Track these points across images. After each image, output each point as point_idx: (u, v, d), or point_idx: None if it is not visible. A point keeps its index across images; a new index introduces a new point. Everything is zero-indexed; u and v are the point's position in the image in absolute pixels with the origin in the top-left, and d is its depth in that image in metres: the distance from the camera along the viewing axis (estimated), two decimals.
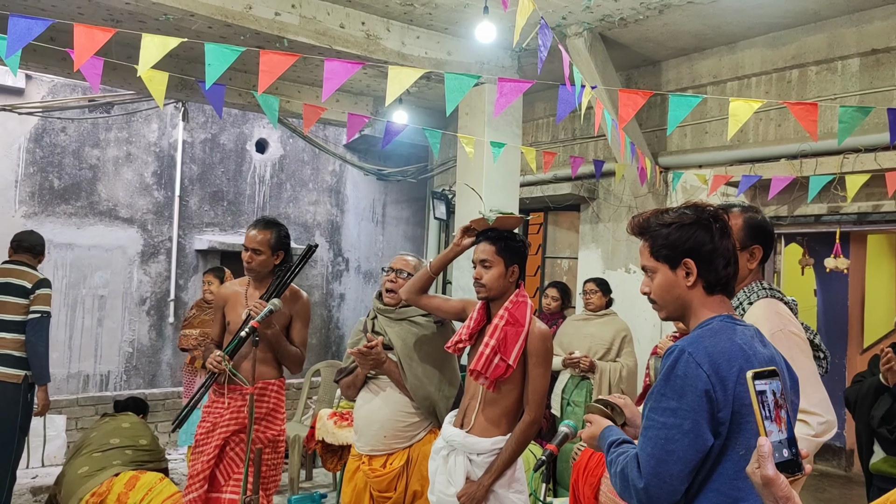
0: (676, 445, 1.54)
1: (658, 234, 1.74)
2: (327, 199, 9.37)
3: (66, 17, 5.15)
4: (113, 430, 4.47)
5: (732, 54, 5.68)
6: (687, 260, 1.70)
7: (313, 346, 9.13)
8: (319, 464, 6.07)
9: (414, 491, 3.06)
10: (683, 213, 1.74)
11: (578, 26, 5.31)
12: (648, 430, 1.61)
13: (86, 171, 7.59)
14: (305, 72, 6.82)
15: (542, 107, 7.40)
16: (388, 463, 3.08)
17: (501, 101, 3.43)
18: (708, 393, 1.53)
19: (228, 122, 8.50)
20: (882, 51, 4.82)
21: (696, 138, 5.95)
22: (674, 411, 1.56)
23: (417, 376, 3.06)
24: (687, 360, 1.56)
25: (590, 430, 1.87)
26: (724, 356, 1.56)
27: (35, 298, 4.61)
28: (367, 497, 3.11)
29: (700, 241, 1.69)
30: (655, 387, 1.63)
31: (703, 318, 1.70)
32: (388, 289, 3.19)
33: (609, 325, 4.81)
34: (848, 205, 4.92)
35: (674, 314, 1.78)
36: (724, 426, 1.55)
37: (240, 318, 3.40)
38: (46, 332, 4.64)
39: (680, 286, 1.72)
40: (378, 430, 3.09)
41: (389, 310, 3.19)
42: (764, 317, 2.17)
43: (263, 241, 3.42)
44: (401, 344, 3.10)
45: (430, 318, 3.18)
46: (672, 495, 1.57)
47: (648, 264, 1.78)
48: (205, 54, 3.16)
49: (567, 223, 7.42)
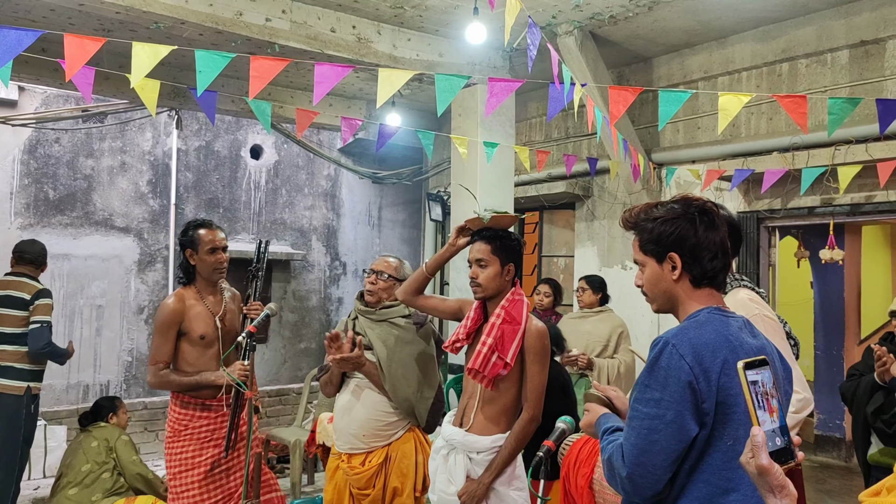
0: (659, 436, 1.56)
1: (644, 229, 1.76)
2: (323, 204, 9.38)
3: (56, 28, 5.16)
4: (83, 454, 4.41)
5: (723, 49, 5.70)
6: (671, 254, 1.71)
7: (312, 350, 9.13)
8: (321, 468, 6.07)
9: (394, 488, 3.06)
10: (671, 208, 1.75)
11: (569, 25, 5.33)
12: (632, 420, 1.63)
13: (80, 181, 7.59)
14: (298, 77, 6.83)
15: (534, 106, 7.42)
16: (366, 461, 3.08)
17: (493, 100, 3.45)
18: (691, 384, 1.54)
19: (222, 129, 8.51)
20: (871, 42, 4.84)
21: (688, 134, 5.97)
22: (657, 402, 1.57)
23: (396, 378, 3.06)
24: (670, 352, 1.58)
25: (587, 418, 1.90)
26: (708, 347, 1.57)
27: (34, 309, 4.58)
28: (346, 495, 3.11)
29: (684, 235, 1.71)
30: (640, 378, 1.64)
31: (692, 311, 1.71)
32: (368, 290, 3.19)
33: (605, 321, 4.82)
34: (841, 196, 4.94)
35: (664, 307, 1.79)
36: (709, 417, 1.56)
37: (208, 328, 3.32)
38: (47, 340, 4.57)
39: (666, 279, 1.73)
40: (357, 429, 3.09)
41: (370, 311, 3.19)
42: (739, 304, 2.24)
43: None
44: (380, 345, 3.10)
45: (410, 320, 3.19)
46: (655, 484, 1.58)
47: (638, 258, 1.80)
48: (196, 61, 3.17)
49: (562, 221, 7.44)
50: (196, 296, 3.36)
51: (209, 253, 3.33)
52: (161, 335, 3.27)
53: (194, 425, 3.27)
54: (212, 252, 3.33)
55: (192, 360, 3.31)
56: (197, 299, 3.35)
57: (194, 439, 3.26)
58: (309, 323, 9.25)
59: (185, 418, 3.28)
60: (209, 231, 3.36)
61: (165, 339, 3.27)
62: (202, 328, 3.31)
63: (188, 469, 3.24)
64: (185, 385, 3.26)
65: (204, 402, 3.29)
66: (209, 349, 3.34)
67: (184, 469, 3.24)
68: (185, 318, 3.29)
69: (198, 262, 3.35)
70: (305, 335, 9.20)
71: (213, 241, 3.34)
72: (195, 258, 3.34)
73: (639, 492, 1.60)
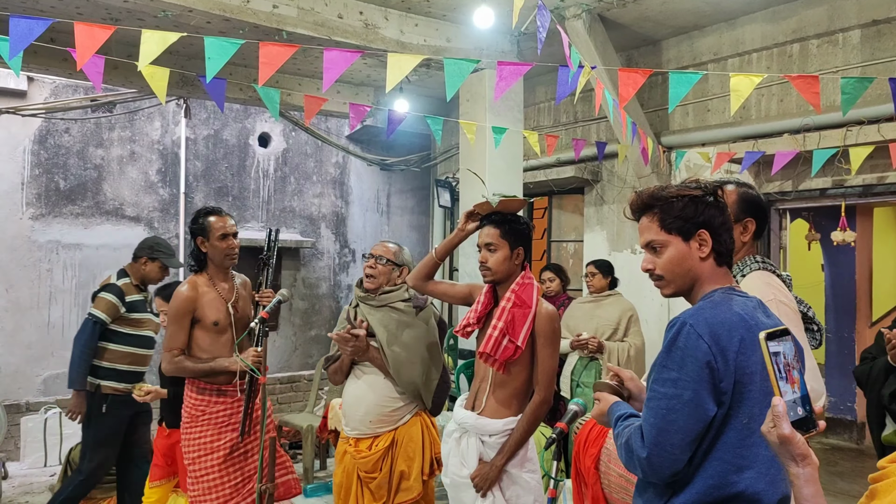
0: (678, 415, 1.56)
1: (670, 207, 1.74)
2: (332, 191, 9.39)
3: (65, 17, 5.17)
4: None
5: (732, 31, 5.65)
6: (702, 231, 1.71)
7: (322, 337, 9.17)
8: (333, 453, 6.12)
9: (401, 471, 3.08)
10: (688, 187, 1.76)
11: (577, 8, 5.30)
12: (651, 401, 1.63)
13: (91, 171, 7.63)
14: (305, 64, 6.82)
15: (542, 91, 7.38)
16: (373, 445, 3.11)
17: (501, 84, 3.44)
18: (709, 363, 1.55)
19: (231, 118, 8.52)
20: (883, 21, 4.79)
21: (698, 116, 5.93)
22: (675, 382, 1.58)
23: (400, 361, 3.08)
24: (688, 332, 1.58)
25: (599, 407, 1.89)
26: (725, 327, 1.58)
27: (95, 302, 4.30)
28: (355, 478, 3.14)
29: (712, 213, 1.72)
30: (658, 358, 1.65)
31: (708, 291, 1.71)
32: (368, 274, 3.20)
33: (614, 305, 4.83)
34: (852, 177, 4.91)
35: (682, 288, 1.77)
36: (727, 396, 1.57)
37: (221, 314, 3.34)
38: (89, 336, 4.20)
39: (693, 258, 1.73)
40: (364, 414, 3.12)
41: (370, 297, 3.20)
42: (756, 288, 2.21)
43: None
44: (382, 330, 3.12)
45: (410, 303, 3.20)
46: (674, 464, 1.59)
47: (658, 238, 1.76)
48: (204, 49, 3.17)
49: (572, 206, 7.42)
50: (208, 283, 3.39)
51: (220, 239, 3.35)
52: (176, 322, 3.30)
53: (211, 410, 3.31)
54: (223, 238, 3.36)
55: (206, 346, 3.33)
56: (210, 286, 3.38)
57: (212, 424, 3.30)
58: (319, 310, 9.28)
59: (202, 404, 3.31)
60: (219, 218, 3.38)
61: (180, 326, 3.29)
62: (215, 315, 3.34)
63: (207, 453, 3.28)
64: (200, 371, 3.29)
65: (220, 388, 3.32)
66: (222, 335, 3.36)
67: (203, 453, 3.28)
68: (198, 306, 3.32)
69: (209, 249, 3.37)
70: (316, 322, 9.24)
71: (224, 227, 3.36)
72: (206, 245, 3.36)
73: (658, 472, 1.60)
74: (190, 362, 3.30)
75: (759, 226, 2.47)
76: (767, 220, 2.90)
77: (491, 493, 2.67)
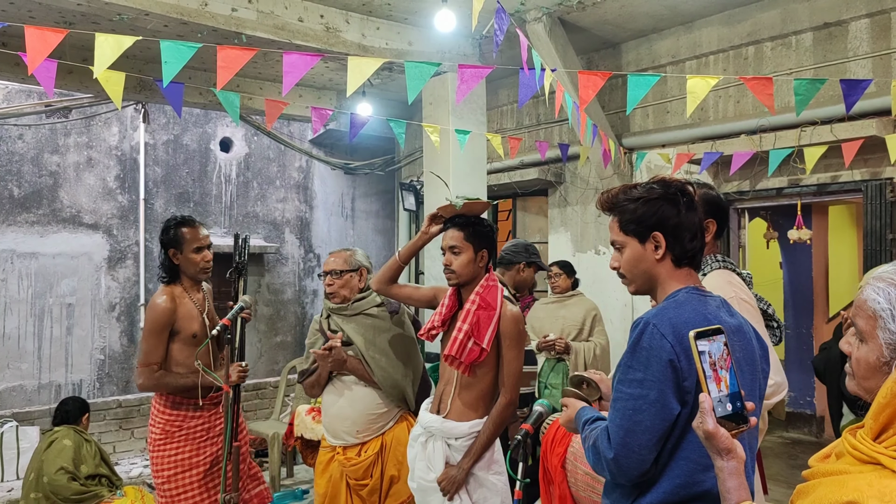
0: (643, 416, 1.57)
1: (626, 209, 1.76)
2: (295, 196, 9.32)
3: (16, 21, 5.04)
4: (40, 464, 4.31)
5: (690, 33, 5.75)
6: (656, 233, 1.72)
7: (288, 343, 9.09)
8: (300, 460, 6.06)
9: (391, 476, 3.08)
10: (651, 188, 1.76)
11: (537, 11, 5.34)
12: (617, 401, 1.64)
13: (46, 177, 7.45)
14: (266, 68, 6.75)
15: (505, 93, 7.42)
16: (362, 451, 3.09)
17: (463, 87, 3.45)
18: (672, 363, 1.56)
19: (191, 123, 8.40)
20: (834, 24, 4.92)
21: (657, 118, 6.02)
22: (640, 382, 1.58)
23: (383, 367, 3.08)
24: (651, 332, 1.59)
25: (566, 414, 1.89)
26: (688, 326, 1.58)
27: None
28: (343, 486, 3.12)
29: (667, 214, 1.72)
30: (623, 359, 1.65)
31: (671, 291, 1.72)
32: (329, 292, 3.18)
33: (578, 305, 4.86)
34: (807, 177, 5.03)
35: (642, 287, 1.79)
36: (690, 395, 1.58)
37: (199, 326, 3.25)
38: None
39: (648, 259, 1.74)
40: (350, 426, 3.10)
41: (342, 308, 3.17)
42: (717, 286, 2.25)
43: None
44: (359, 338, 3.10)
45: (384, 308, 3.19)
46: (641, 464, 1.59)
47: (618, 239, 1.79)
48: (161, 52, 3.12)
49: (536, 208, 7.47)
50: (183, 294, 3.28)
51: (195, 252, 3.24)
52: (155, 336, 3.15)
53: (189, 425, 3.20)
54: (198, 251, 3.25)
55: (182, 359, 3.21)
56: (185, 297, 3.27)
57: (190, 439, 3.18)
58: (284, 316, 9.19)
59: (177, 419, 3.19)
60: (192, 229, 3.26)
61: (159, 339, 3.15)
62: (195, 326, 3.23)
63: (186, 470, 3.16)
64: (182, 386, 3.16)
65: (196, 402, 3.20)
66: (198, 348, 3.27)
67: (181, 470, 3.16)
68: (177, 318, 3.20)
69: (182, 262, 3.25)
70: (281, 328, 9.15)
71: (198, 239, 3.26)
72: (179, 258, 3.24)
73: (625, 473, 1.61)
74: (171, 378, 3.17)
75: (720, 226, 2.52)
76: (727, 219, 2.96)
77: (458, 496, 2.67)
